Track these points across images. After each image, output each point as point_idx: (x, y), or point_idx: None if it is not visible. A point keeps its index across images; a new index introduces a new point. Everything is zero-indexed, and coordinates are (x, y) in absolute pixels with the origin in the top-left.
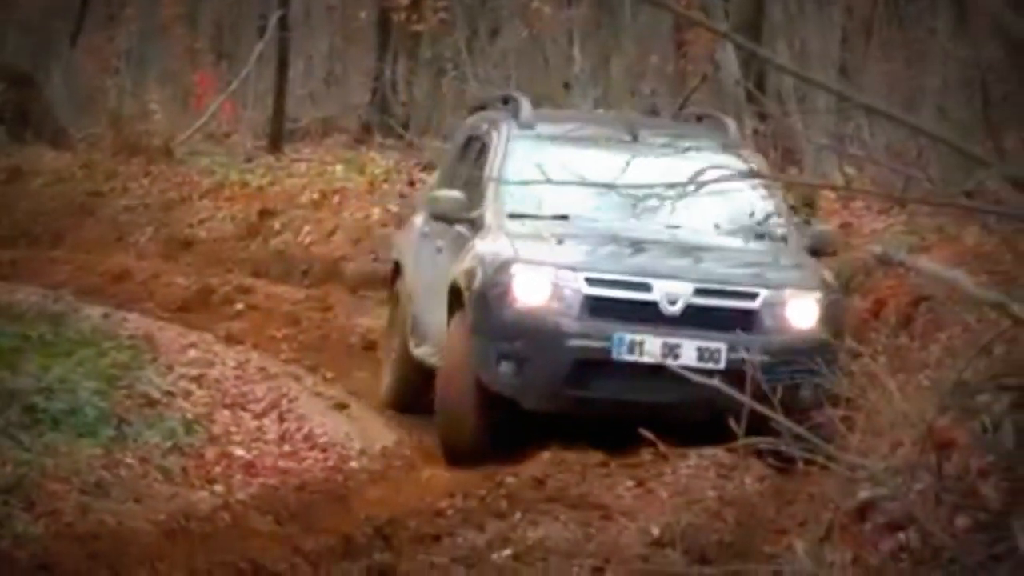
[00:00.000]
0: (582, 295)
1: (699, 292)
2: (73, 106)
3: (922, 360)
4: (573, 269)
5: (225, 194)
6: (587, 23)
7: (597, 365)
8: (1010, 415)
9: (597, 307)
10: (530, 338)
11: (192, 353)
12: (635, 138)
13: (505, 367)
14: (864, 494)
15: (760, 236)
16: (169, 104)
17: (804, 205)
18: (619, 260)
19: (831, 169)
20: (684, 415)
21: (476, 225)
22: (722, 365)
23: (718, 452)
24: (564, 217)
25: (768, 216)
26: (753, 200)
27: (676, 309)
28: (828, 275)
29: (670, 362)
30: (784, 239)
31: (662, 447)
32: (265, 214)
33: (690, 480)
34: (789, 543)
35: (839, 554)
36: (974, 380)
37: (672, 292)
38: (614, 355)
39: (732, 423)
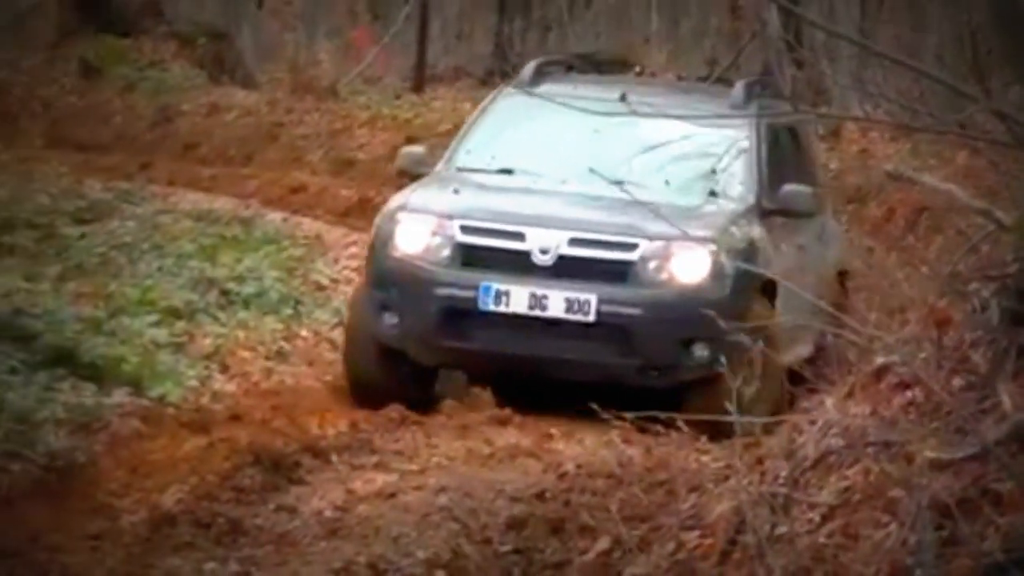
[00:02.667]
0: (455, 243)
1: (574, 242)
2: (259, 55)
3: (924, 256)
4: (451, 217)
5: (379, 125)
6: None
7: (468, 315)
8: (994, 298)
9: (470, 256)
10: (403, 287)
11: (353, 249)
12: (623, 98)
13: (387, 317)
14: (879, 360)
15: (714, 194)
16: (334, 54)
17: (831, 134)
18: (499, 208)
19: (853, 105)
20: (564, 372)
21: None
22: (591, 318)
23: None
24: (508, 171)
25: (713, 170)
26: (722, 159)
27: (548, 259)
28: (745, 231)
29: (537, 313)
30: (741, 199)
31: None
32: (410, 140)
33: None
34: (821, 399)
35: (860, 407)
36: (966, 271)
37: (545, 242)
38: (480, 305)
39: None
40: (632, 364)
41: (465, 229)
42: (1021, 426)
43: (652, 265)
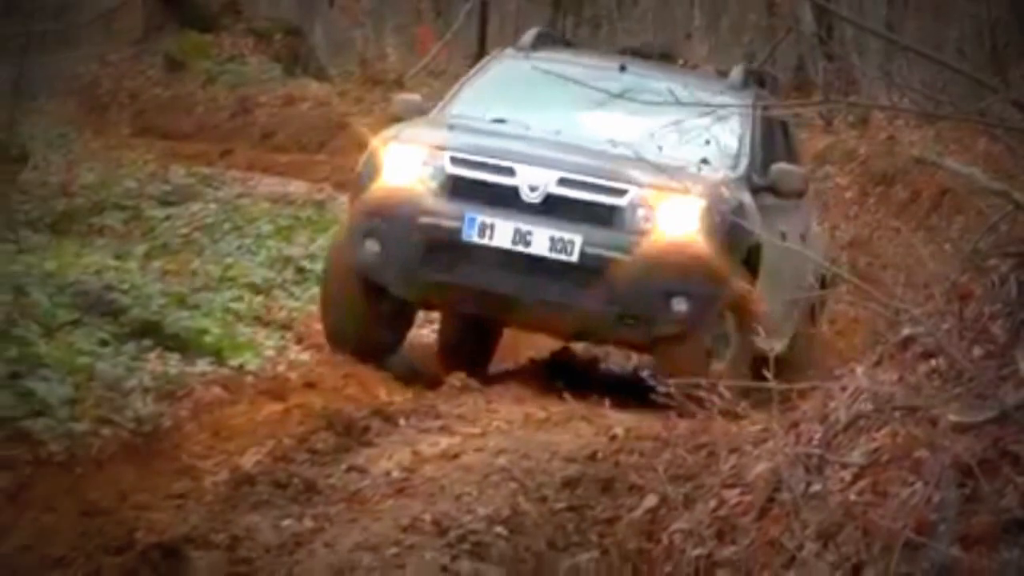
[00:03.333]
0: (444, 174)
1: (563, 182)
2: (330, 50)
3: (947, 234)
4: (442, 148)
5: None
6: None
7: (451, 247)
8: (1012, 273)
9: (458, 188)
10: (388, 215)
11: None
12: (623, 69)
13: (369, 245)
14: (906, 331)
15: (706, 162)
16: (400, 49)
17: (860, 122)
18: (491, 145)
19: (880, 95)
20: (542, 315)
21: None
22: (574, 258)
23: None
24: (501, 121)
25: (707, 141)
26: (717, 134)
27: (536, 196)
28: (735, 195)
29: (520, 248)
30: (732, 168)
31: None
32: None
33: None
34: (851, 367)
35: (888, 375)
36: (985, 249)
37: (535, 179)
38: (464, 236)
39: None
40: (611, 312)
41: (455, 160)
42: None
43: (640, 212)
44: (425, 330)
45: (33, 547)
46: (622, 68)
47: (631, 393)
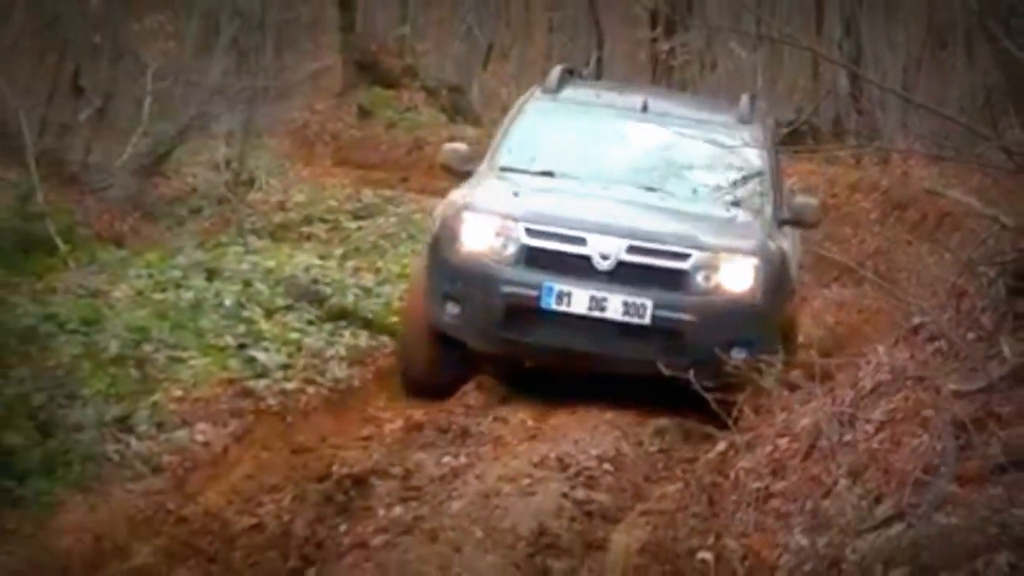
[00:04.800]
0: (520, 244)
1: (632, 249)
2: (483, 102)
3: (947, 246)
4: (515, 219)
5: None
6: (767, 59)
7: (529, 312)
8: (998, 277)
9: (534, 257)
10: (470, 281)
11: None
12: (645, 108)
13: (450, 307)
14: (916, 320)
15: (736, 204)
16: None
17: (882, 161)
18: (562, 214)
19: (898, 140)
20: (616, 367)
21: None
22: (647, 320)
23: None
24: (550, 174)
25: (735, 182)
26: (740, 169)
27: (608, 264)
28: (778, 244)
29: (596, 314)
30: (760, 210)
31: None
32: None
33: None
34: (875, 347)
35: (902, 353)
36: (977, 258)
37: (605, 248)
38: (543, 304)
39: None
40: (680, 363)
41: (530, 232)
42: (1017, 368)
43: (703, 274)
44: None
45: (254, 476)
46: (644, 107)
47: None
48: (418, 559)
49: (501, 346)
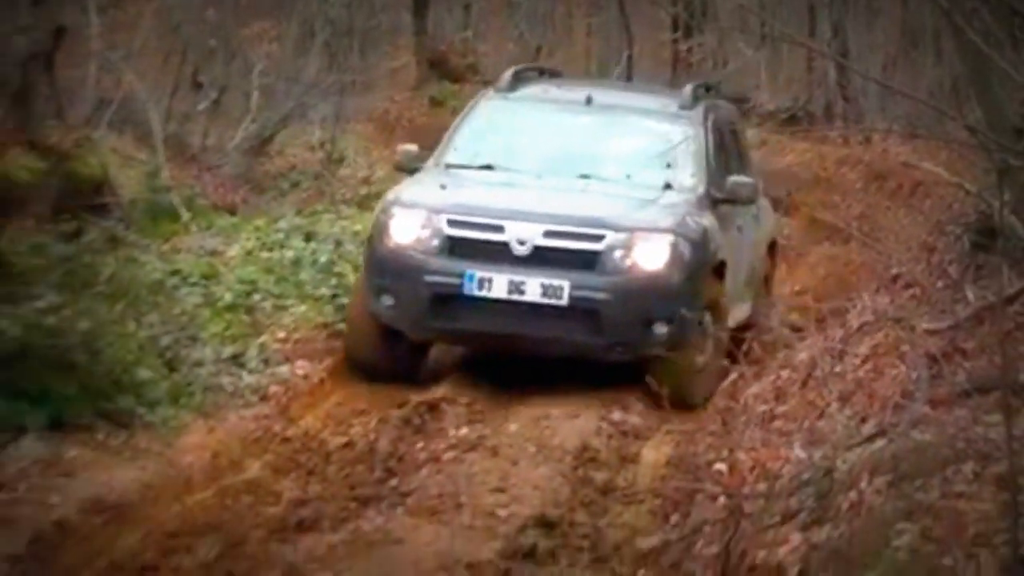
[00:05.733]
0: (444, 235)
1: (547, 234)
2: None
3: (921, 209)
4: (438, 212)
5: None
6: (769, 56)
7: (455, 299)
8: (964, 234)
9: (456, 246)
10: (397, 274)
11: None
12: (589, 101)
13: (384, 299)
14: (894, 270)
15: (668, 187)
16: None
17: (865, 140)
18: (481, 204)
19: (879, 122)
20: (539, 348)
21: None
22: (564, 301)
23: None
24: (489, 167)
25: (667, 165)
26: (675, 154)
27: (525, 249)
28: (700, 222)
29: (515, 297)
30: (693, 190)
31: None
32: None
33: None
34: (860, 294)
35: (883, 298)
36: (945, 219)
37: (522, 234)
38: (465, 290)
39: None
40: (600, 342)
41: (452, 223)
42: (979, 310)
43: (617, 254)
44: None
45: (345, 403)
46: (588, 100)
47: None
48: (482, 471)
49: (432, 333)
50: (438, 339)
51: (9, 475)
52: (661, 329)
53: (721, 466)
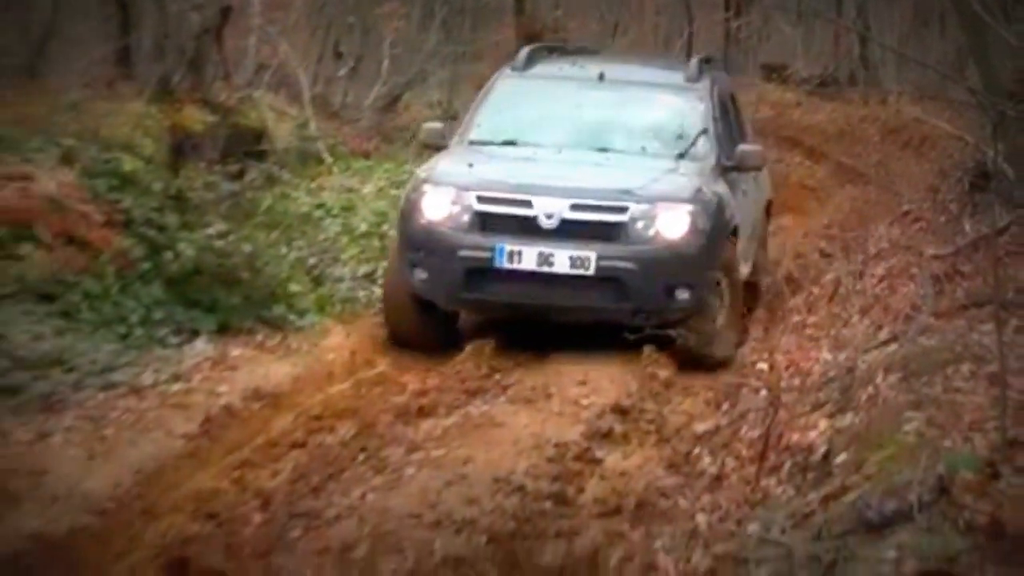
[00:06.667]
0: (473, 211)
1: (574, 207)
2: None
3: (927, 157)
4: (468, 189)
5: None
6: (804, 33)
7: (485, 272)
8: (963, 178)
9: (486, 222)
10: (430, 249)
11: None
12: (602, 77)
13: (418, 273)
14: (905, 207)
15: (681, 156)
16: None
17: (881, 101)
18: (509, 180)
19: (893, 84)
20: (568, 316)
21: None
22: (591, 271)
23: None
24: (512, 143)
25: (679, 136)
26: (685, 125)
27: (553, 223)
28: (715, 190)
29: (544, 269)
30: (704, 159)
31: None
32: None
33: None
34: (877, 225)
35: (895, 229)
36: (948, 165)
37: (549, 208)
38: (496, 263)
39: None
40: (626, 308)
41: (481, 199)
42: (975, 239)
43: (640, 225)
44: None
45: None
46: (600, 76)
47: None
48: (567, 370)
49: (465, 305)
50: (471, 310)
51: (185, 369)
52: (683, 295)
53: (763, 365)
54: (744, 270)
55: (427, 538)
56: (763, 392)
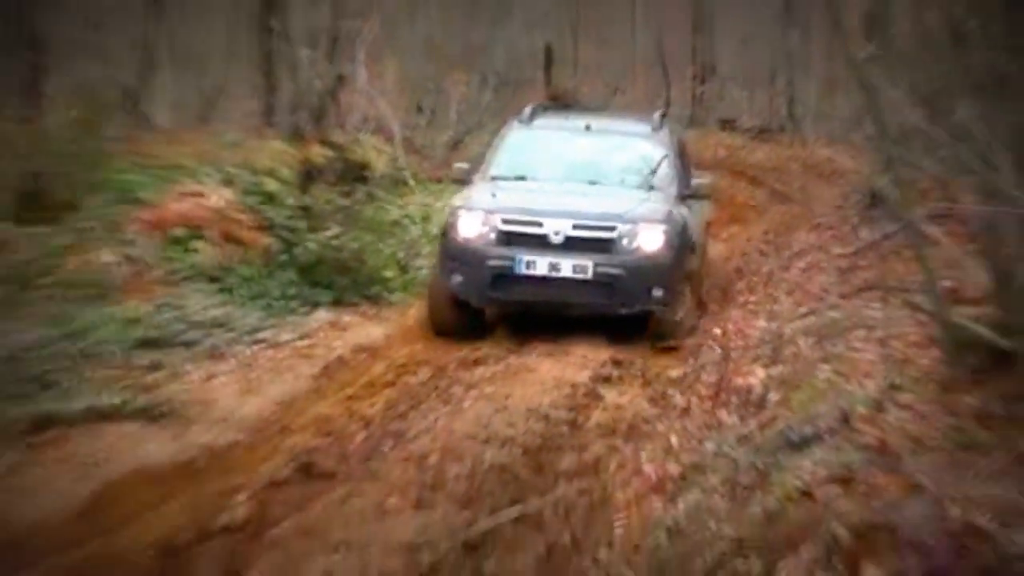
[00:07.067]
0: (498, 230)
1: (575, 227)
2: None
3: (836, 184)
4: (494, 212)
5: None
6: (749, 95)
7: (507, 277)
8: (861, 199)
9: (508, 238)
10: (466, 260)
11: None
12: (588, 128)
13: (456, 277)
14: (819, 220)
15: (651, 188)
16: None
17: (802, 144)
18: (525, 206)
19: (815, 134)
20: (570, 310)
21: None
22: (589, 276)
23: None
24: (523, 178)
25: (653, 172)
26: (652, 164)
27: (559, 239)
28: (681, 214)
29: (553, 274)
30: (668, 190)
31: None
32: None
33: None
34: (798, 232)
35: (812, 235)
36: (850, 191)
37: (557, 227)
38: (516, 270)
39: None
40: (615, 303)
41: (505, 220)
42: (870, 243)
43: (626, 240)
44: None
45: None
46: (587, 127)
47: None
48: (577, 337)
49: (492, 302)
50: (496, 306)
51: (310, 330)
52: (658, 293)
53: (718, 331)
54: (693, 266)
55: (480, 451)
56: (718, 350)
